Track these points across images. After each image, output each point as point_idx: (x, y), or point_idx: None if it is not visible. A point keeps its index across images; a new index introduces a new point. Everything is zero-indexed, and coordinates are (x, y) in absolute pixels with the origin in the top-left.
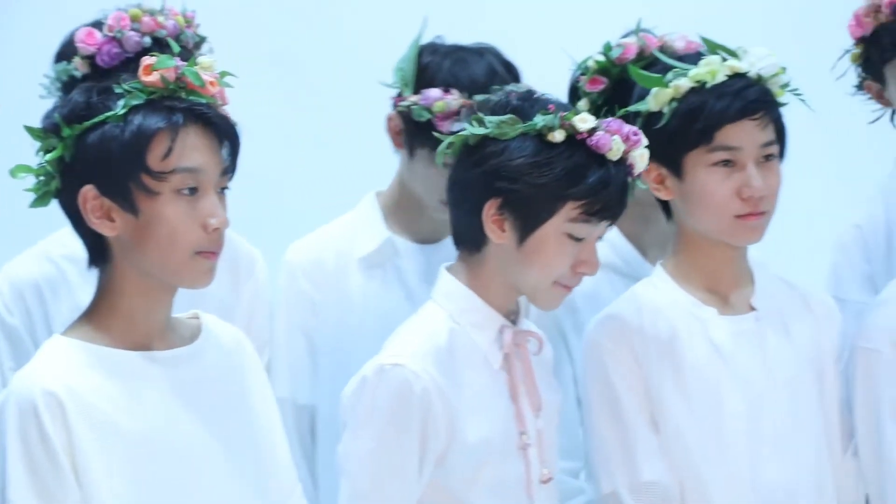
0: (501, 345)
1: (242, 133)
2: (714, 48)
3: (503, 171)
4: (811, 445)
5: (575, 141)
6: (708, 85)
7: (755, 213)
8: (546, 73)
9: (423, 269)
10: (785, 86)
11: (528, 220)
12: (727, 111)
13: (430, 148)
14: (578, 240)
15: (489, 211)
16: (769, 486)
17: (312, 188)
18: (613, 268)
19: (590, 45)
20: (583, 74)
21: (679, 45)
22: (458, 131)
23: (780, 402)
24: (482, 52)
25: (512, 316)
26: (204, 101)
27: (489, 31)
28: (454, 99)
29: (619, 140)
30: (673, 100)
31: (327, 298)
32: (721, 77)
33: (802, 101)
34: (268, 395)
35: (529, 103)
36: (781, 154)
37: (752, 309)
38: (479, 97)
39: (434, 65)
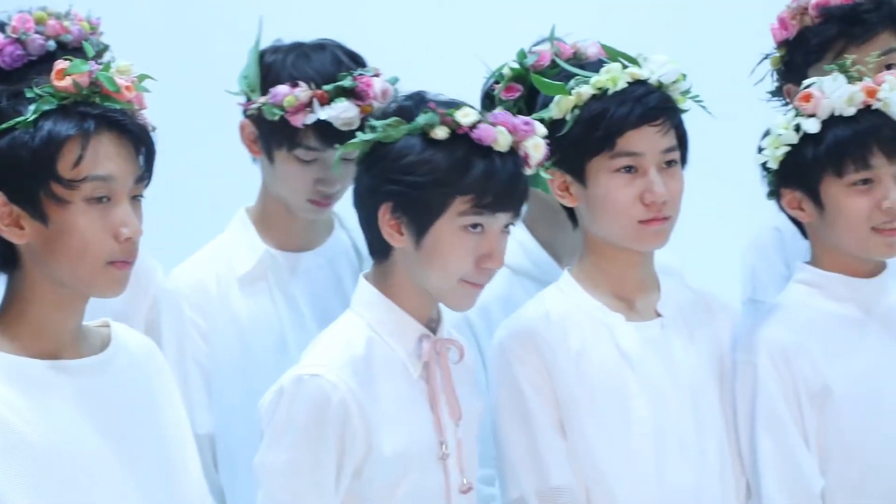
0: (420, 353)
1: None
2: (615, 55)
3: (390, 173)
4: (715, 449)
5: (459, 136)
6: (609, 92)
7: (658, 219)
8: (458, 82)
9: (304, 278)
10: (686, 92)
11: (419, 219)
12: (628, 117)
13: (287, 147)
14: (476, 233)
15: (384, 216)
16: (674, 490)
17: (217, 193)
18: (527, 273)
19: (502, 52)
20: (497, 82)
21: (591, 51)
22: (312, 124)
23: (684, 406)
24: (324, 45)
25: (432, 324)
26: (119, 106)
27: (399, 38)
28: (303, 91)
29: (505, 131)
30: (575, 107)
31: (215, 323)
32: (622, 84)
33: (703, 107)
34: (178, 407)
35: (415, 103)
36: (683, 160)
37: (658, 315)
38: (327, 87)
39: (277, 63)
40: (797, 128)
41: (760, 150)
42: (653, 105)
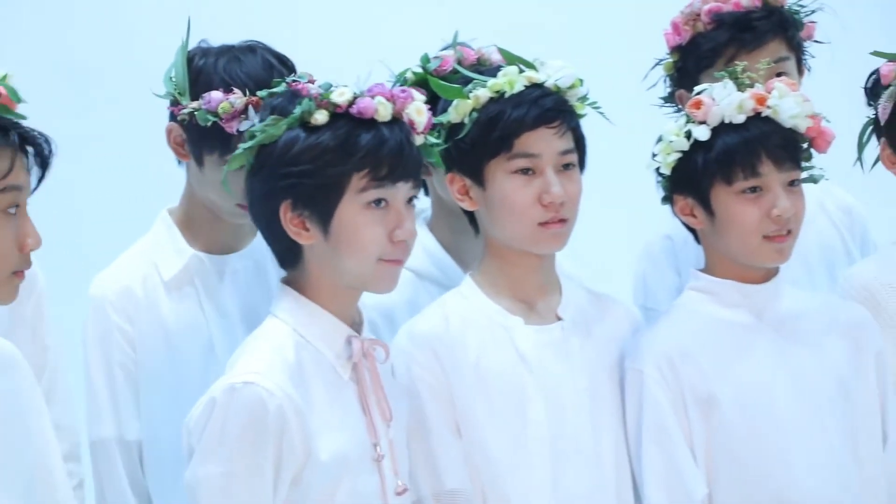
0: (349, 355)
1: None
2: (512, 59)
3: (280, 170)
4: (612, 454)
5: (340, 116)
6: (506, 95)
7: (556, 221)
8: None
9: (231, 281)
10: (583, 98)
11: (321, 207)
12: (525, 119)
13: (219, 152)
14: (381, 209)
15: (285, 215)
16: (569, 494)
17: (104, 203)
18: (431, 277)
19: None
20: (403, 86)
21: (495, 57)
22: (245, 131)
23: (582, 410)
24: (254, 49)
25: (356, 326)
26: (11, 116)
27: (306, 40)
28: (238, 98)
29: (384, 100)
30: (473, 110)
31: (142, 329)
32: (519, 87)
33: (601, 113)
34: (43, 413)
35: (287, 99)
36: (582, 164)
37: (559, 318)
38: (261, 93)
39: (208, 67)
40: (688, 134)
41: (654, 155)
42: (549, 107)
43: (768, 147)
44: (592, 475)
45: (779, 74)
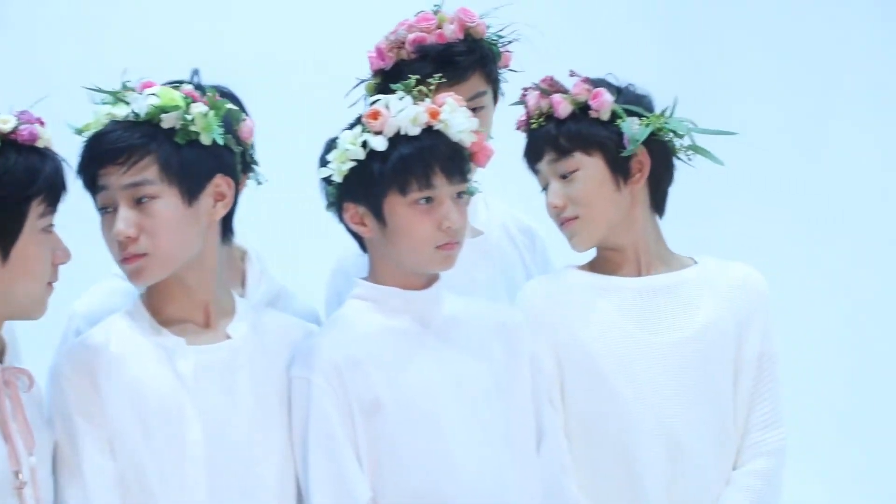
0: None
1: None
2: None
3: None
4: (275, 469)
5: (10, 143)
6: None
7: (127, 258)
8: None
9: None
10: (188, 122)
11: (1, 235)
12: (90, 159)
13: None
14: (50, 233)
15: None
16: None
17: None
18: None
19: None
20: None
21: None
22: None
23: (244, 429)
24: None
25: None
26: None
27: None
28: None
29: (40, 126)
30: None
31: None
32: (102, 123)
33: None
34: None
35: None
36: (188, 191)
37: (229, 337)
38: None
39: None
40: (364, 144)
41: (325, 163)
42: (116, 147)
43: (440, 160)
44: (251, 493)
45: (475, 109)
